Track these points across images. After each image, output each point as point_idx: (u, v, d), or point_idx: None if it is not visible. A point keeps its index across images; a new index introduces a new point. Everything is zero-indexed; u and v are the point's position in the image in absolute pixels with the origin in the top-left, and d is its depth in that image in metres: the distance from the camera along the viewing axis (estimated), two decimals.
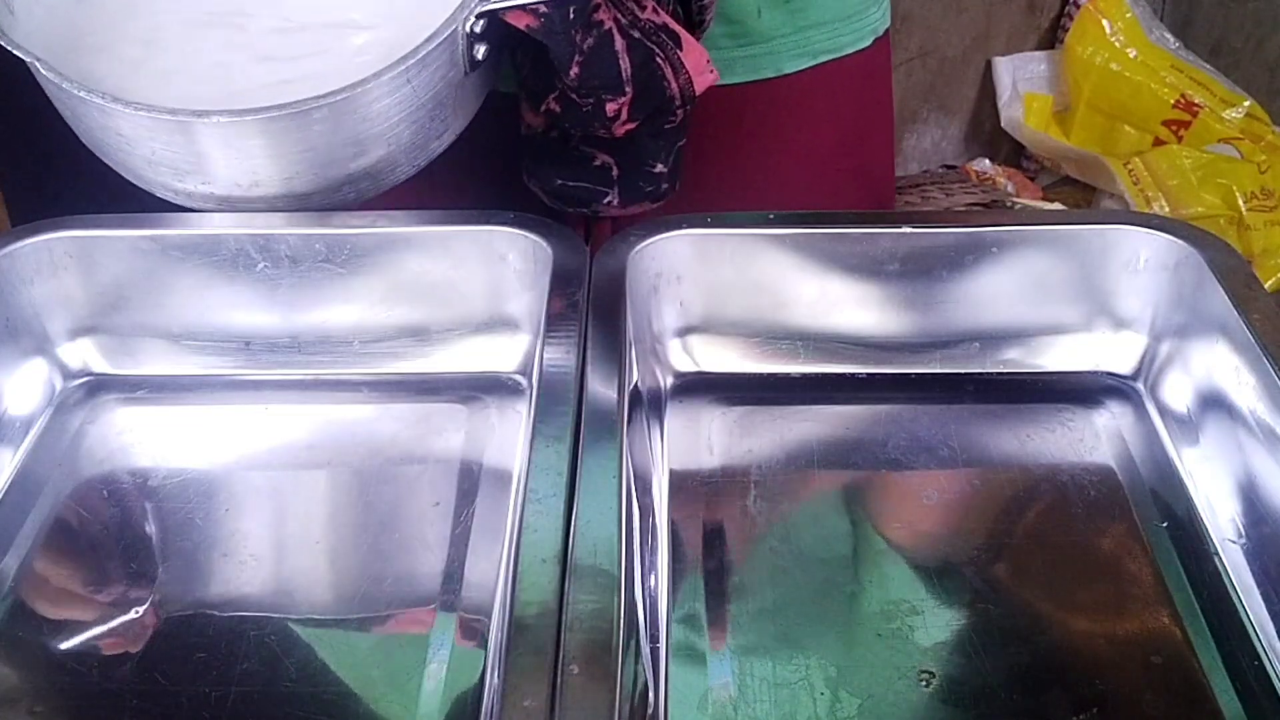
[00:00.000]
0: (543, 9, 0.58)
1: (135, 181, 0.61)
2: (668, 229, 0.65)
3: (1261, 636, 0.54)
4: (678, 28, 0.61)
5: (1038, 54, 2.07)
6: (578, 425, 0.54)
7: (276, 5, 0.65)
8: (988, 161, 2.10)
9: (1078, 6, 1.99)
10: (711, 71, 0.62)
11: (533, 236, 0.65)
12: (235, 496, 0.62)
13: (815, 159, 0.77)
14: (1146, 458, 0.63)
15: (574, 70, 0.59)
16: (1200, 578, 0.57)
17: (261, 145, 0.57)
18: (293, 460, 0.64)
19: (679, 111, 0.63)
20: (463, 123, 0.63)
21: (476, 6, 0.58)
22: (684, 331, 0.68)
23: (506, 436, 0.65)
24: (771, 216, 0.66)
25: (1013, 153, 2.13)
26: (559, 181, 0.67)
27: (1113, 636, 0.54)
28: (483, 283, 0.67)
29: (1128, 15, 1.96)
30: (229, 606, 0.56)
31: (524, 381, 0.68)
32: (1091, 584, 0.56)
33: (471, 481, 0.62)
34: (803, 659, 0.53)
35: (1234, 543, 0.58)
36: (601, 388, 0.56)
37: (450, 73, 0.59)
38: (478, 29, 0.59)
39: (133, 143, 0.58)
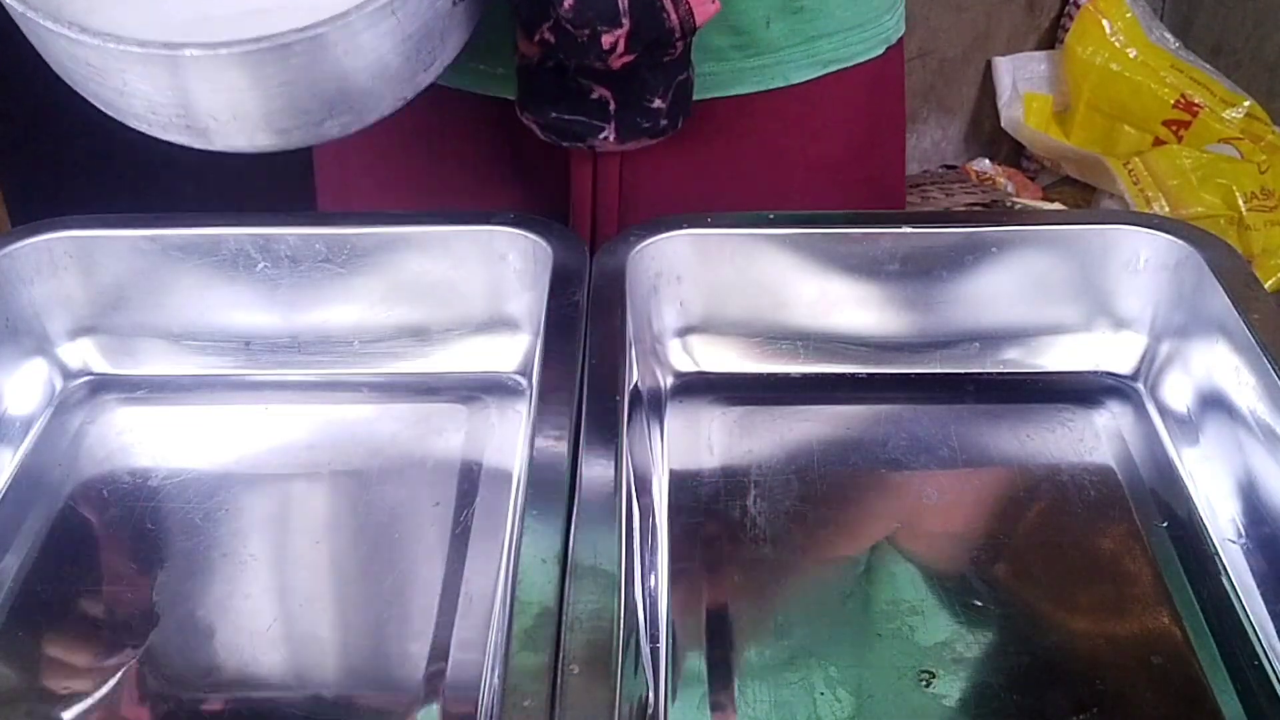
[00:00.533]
0: None
1: (108, 112, 0.59)
2: (668, 229, 0.65)
3: (1261, 636, 0.54)
4: None
5: (1038, 54, 2.07)
6: (578, 425, 0.54)
7: None
8: (988, 161, 2.10)
9: (1078, 6, 1.99)
10: (713, 2, 0.61)
11: (533, 236, 0.65)
12: (235, 496, 0.62)
13: (825, 169, 0.76)
14: (1146, 458, 0.63)
15: (568, 1, 0.58)
16: (1200, 578, 0.57)
17: (238, 79, 0.54)
18: (293, 460, 0.64)
19: (678, 43, 0.62)
20: (451, 54, 0.61)
21: None
22: (684, 331, 0.68)
23: (506, 436, 0.65)
24: (771, 216, 0.66)
25: (1013, 153, 2.13)
26: (554, 115, 0.65)
27: (1113, 636, 0.54)
28: (483, 283, 0.67)
29: (1128, 15, 1.96)
30: (228, 606, 0.56)
31: (524, 381, 0.68)
32: (1091, 584, 0.56)
33: (471, 481, 0.62)
34: (803, 659, 0.53)
35: (1234, 543, 0.58)
36: (601, 388, 0.56)
37: (438, 2, 0.58)
38: None
39: (104, 74, 0.55)
